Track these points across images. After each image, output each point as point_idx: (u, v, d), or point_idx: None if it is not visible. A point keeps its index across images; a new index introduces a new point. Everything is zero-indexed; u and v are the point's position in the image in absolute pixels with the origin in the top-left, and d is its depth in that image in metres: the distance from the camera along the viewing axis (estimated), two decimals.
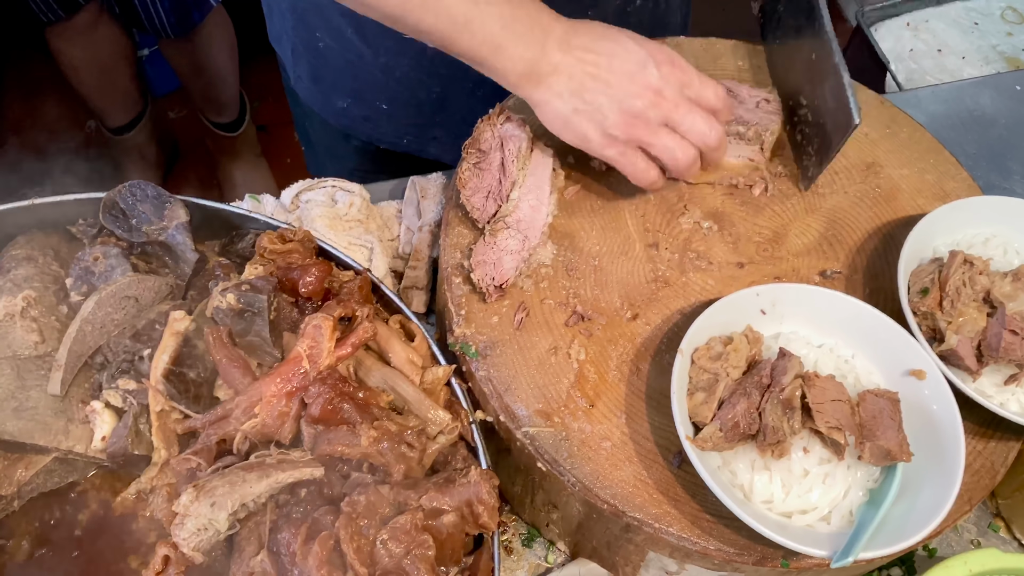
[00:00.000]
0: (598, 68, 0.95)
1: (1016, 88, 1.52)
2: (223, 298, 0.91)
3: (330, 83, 1.37)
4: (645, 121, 0.97)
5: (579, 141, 1.00)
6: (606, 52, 0.96)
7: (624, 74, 0.95)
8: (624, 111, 0.96)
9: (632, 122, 0.97)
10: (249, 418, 0.85)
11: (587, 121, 0.97)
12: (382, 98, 1.34)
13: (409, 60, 1.28)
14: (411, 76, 1.29)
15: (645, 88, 0.96)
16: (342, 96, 1.37)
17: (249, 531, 0.81)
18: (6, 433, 0.86)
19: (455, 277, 1.03)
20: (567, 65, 0.95)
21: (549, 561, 1.05)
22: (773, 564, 0.88)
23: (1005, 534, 1.10)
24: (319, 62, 1.36)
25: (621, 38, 0.98)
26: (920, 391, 0.93)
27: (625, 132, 0.97)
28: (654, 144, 0.99)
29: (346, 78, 1.34)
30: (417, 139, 1.39)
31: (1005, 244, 1.08)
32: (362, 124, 1.40)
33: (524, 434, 0.93)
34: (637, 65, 0.96)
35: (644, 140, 0.99)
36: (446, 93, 1.32)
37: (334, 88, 1.37)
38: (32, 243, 0.99)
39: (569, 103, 0.96)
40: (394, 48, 1.26)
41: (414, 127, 1.37)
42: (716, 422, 0.88)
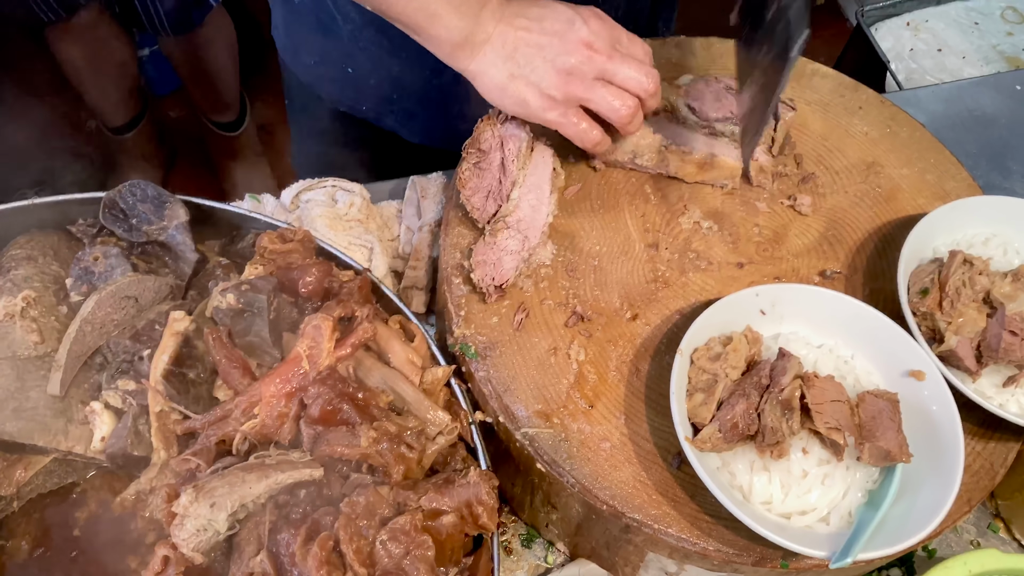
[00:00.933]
0: (529, 32, 0.96)
1: (1016, 88, 1.52)
2: (223, 298, 0.91)
3: (300, 39, 1.38)
4: (580, 76, 0.97)
5: (518, 107, 1.00)
6: (535, 16, 0.97)
7: (554, 33, 0.96)
8: (558, 69, 0.96)
9: (567, 79, 0.97)
10: (248, 419, 0.85)
11: (523, 85, 0.97)
12: (348, 62, 1.35)
13: (373, 32, 1.28)
14: (372, 48, 1.31)
15: (576, 44, 0.96)
16: (310, 52, 1.39)
17: (249, 532, 0.81)
18: (5, 434, 0.86)
19: (455, 277, 1.03)
20: (500, 33, 0.96)
21: (548, 562, 1.05)
22: (772, 565, 0.88)
23: (1005, 535, 1.10)
24: (292, 16, 1.37)
25: (550, 2, 0.99)
26: (920, 392, 0.93)
27: (562, 91, 0.97)
28: (592, 98, 0.99)
29: (315, 36, 1.35)
30: (375, 109, 1.40)
31: (1005, 244, 1.08)
32: (328, 84, 1.41)
33: (523, 435, 0.93)
34: (566, 23, 0.97)
35: (581, 96, 0.98)
36: (404, 72, 1.33)
37: (303, 44, 1.39)
38: (32, 243, 0.99)
39: (504, 69, 0.97)
40: (359, 19, 1.27)
41: (373, 97, 1.38)
42: (715, 423, 0.88)
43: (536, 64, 0.96)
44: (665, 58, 1.26)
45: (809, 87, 1.26)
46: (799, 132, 1.21)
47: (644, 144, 1.11)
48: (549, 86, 0.97)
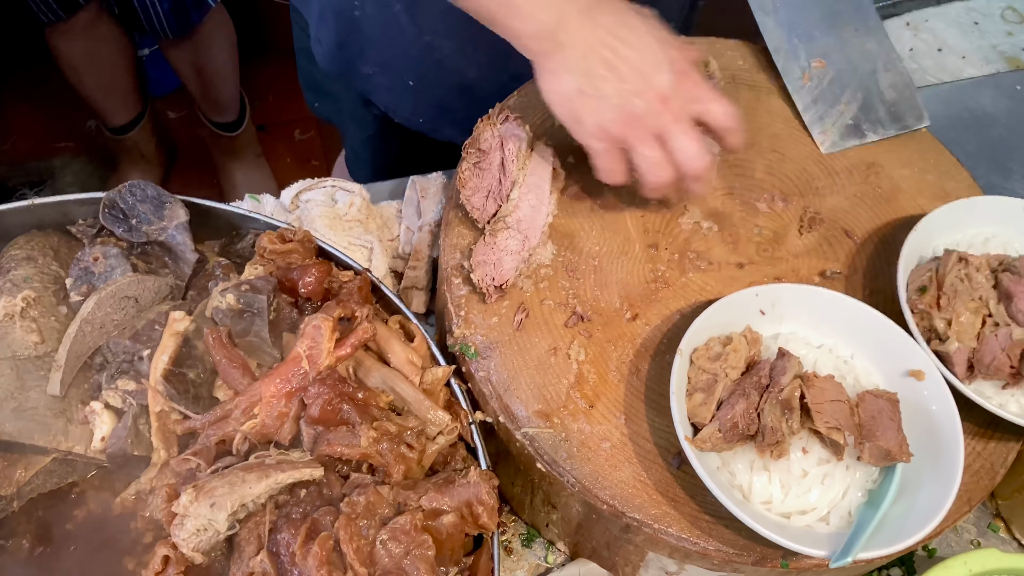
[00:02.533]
0: (616, 56, 0.92)
1: (1016, 88, 1.52)
2: (223, 298, 0.91)
3: (357, 50, 1.36)
4: (642, 126, 0.95)
5: (570, 121, 0.97)
6: (627, 42, 0.93)
7: (638, 72, 0.92)
8: (626, 110, 0.93)
9: (627, 123, 0.94)
10: (248, 419, 0.85)
11: (586, 106, 0.94)
12: (411, 74, 1.34)
13: (453, 43, 1.27)
14: (450, 59, 1.29)
15: (654, 93, 0.93)
16: (369, 64, 1.37)
17: (249, 531, 0.81)
18: (5, 434, 0.86)
19: (455, 277, 1.03)
20: (585, 41, 0.92)
21: (549, 561, 1.05)
22: (772, 564, 0.88)
23: (1005, 534, 1.10)
24: (349, 28, 1.35)
25: (644, 32, 0.94)
26: (919, 392, 0.93)
27: (617, 131, 0.95)
28: (637, 152, 0.97)
29: (378, 48, 1.33)
30: (434, 119, 1.39)
31: (1005, 244, 1.09)
32: (384, 94, 1.39)
33: (523, 435, 0.93)
34: (653, 67, 0.93)
35: (631, 144, 0.96)
36: (479, 81, 1.32)
37: (361, 55, 1.37)
38: (32, 243, 0.99)
39: (575, 81, 0.93)
40: (442, 30, 1.26)
41: (435, 108, 1.37)
42: (715, 423, 0.88)
43: (608, 93, 0.93)
44: None
45: None
46: (800, 132, 1.21)
47: None
48: (609, 120, 0.94)
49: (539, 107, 1.19)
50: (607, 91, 0.93)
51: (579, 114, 0.95)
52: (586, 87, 0.93)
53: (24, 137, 2.82)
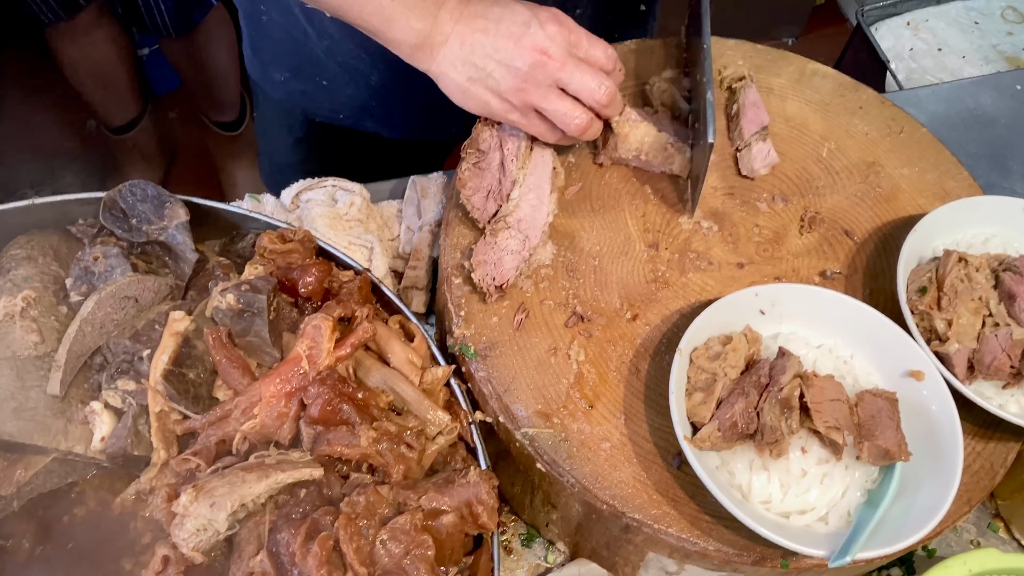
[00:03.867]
0: (486, 34, 0.95)
1: (1016, 88, 1.52)
2: (223, 298, 0.91)
3: (270, 56, 1.38)
4: (535, 83, 0.96)
5: (481, 108, 1.00)
6: (494, 17, 0.96)
7: (509, 36, 0.95)
8: (513, 73, 0.96)
9: (521, 85, 0.96)
10: (248, 418, 0.85)
11: (482, 87, 0.97)
12: (322, 75, 1.35)
13: (353, 46, 1.29)
14: (351, 62, 1.31)
15: (531, 48, 0.95)
16: (280, 69, 1.39)
17: (248, 531, 0.81)
18: (5, 434, 0.86)
19: (455, 277, 1.03)
20: (457, 33, 0.96)
21: (549, 561, 1.05)
22: (772, 564, 0.88)
23: (1004, 534, 1.10)
24: (259, 34, 1.37)
25: (510, 2, 0.97)
26: (919, 392, 0.93)
27: (518, 97, 0.97)
28: (546, 108, 0.98)
29: (287, 53, 1.35)
30: (353, 116, 1.41)
31: (1005, 244, 1.09)
32: (299, 97, 1.41)
33: (523, 435, 0.93)
34: (521, 26, 0.95)
35: (536, 104, 0.98)
36: (384, 80, 1.33)
37: (273, 61, 1.39)
38: (32, 243, 0.99)
39: (463, 72, 0.97)
40: (337, 34, 1.28)
41: (350, 105, 1.39)
42: (714, 422, 0.88)
43: (492, 67, 0.96)
44: (666, 57, 1.26)
45: (809, 87, 1.26)
46: (800, 132, 1.21)
47: (648, 142, 1.11)
48: (506, 90, 0.97)
49: None
50: (491, 66, 0.96)
51: (482, 99, 0.98)
52: (472, 73, 0.96)
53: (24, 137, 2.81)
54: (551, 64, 0.96)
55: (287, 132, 1.53)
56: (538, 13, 0.97)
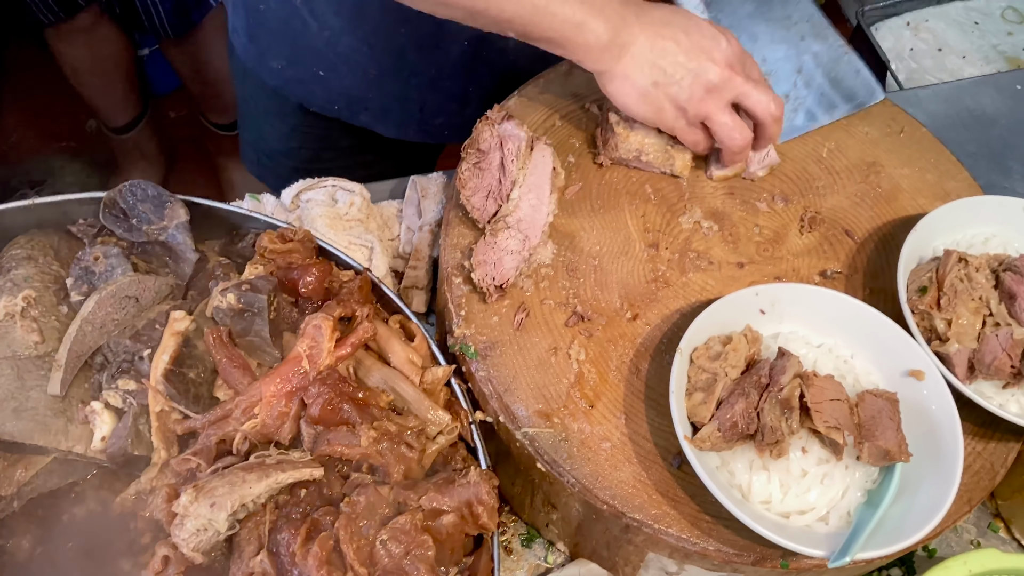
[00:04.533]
0: (677, 42, 0.99)
1: (1016, 88, 1.52)
2: (223, 298, 0.91)
3: (266, 44, 1.38)
4: (718, 96, 1.02)
5: (653, 114, 1.04)
6: (682, 27, 1.00)
7: (701, 48, 0.99)
8: (702, 84, 1.00)
9: (705, 96, 1.01)
10: (249, 418, 0.85)
11: (664, 94, 1.02)
12: (320, 65, 1.35)
13: (352, 39, 1.29)
14: (351, 54, 1.31)
15: (723, 63, 1.00)
16: (277, 57, 1.38)
17: (249, 531, 0.81)
18: (6, 433, 0.86)
19: (455, 277, 1.03)
20: (647, 37, 0.99)
21: (549, 561, 1.05)
22: (772, 564, 0.88)
23: (1005, 534, 1.10)
24: (256, 21, 1.36)
25: (690, 14, 1.03)
26: (919, 392, 0.93)
27: (696, 107, 1.02)
28: (716, 120, 1.03)
29: (284, 42, 1.35)
30: (348, 108, 1.41)
31: (1005, 244, 1.09)
32: (295, 86, 1.41)
33: (524, 435, 0.93)
34: (711, 40, 1.00)
35: (711, 115, 1.03)
36: (382, 75, 1.33)
37: (270, 49, 1.38)
38: (32, 243, 0.99)
39: (649, 75, 1.00)
40: (339, 26, 1.28)
41: (346, 97, 1.39)
42: (714, 422, 0.88)
43: (680, 75, 1.00)
44: None
45: None
46: None
47: (649, 142, 1.11)
48: (688, 99, 1.02)
49: (539, 106, 1.19)
50: (679, 74, 1.00)
51: (659, 104, 1.03)
52: (659, 78, 1.00)
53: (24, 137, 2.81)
54: (736, 79, 1.01)
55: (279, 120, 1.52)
56: (723, 30, 1.02)
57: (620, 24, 0.99)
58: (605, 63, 1.01)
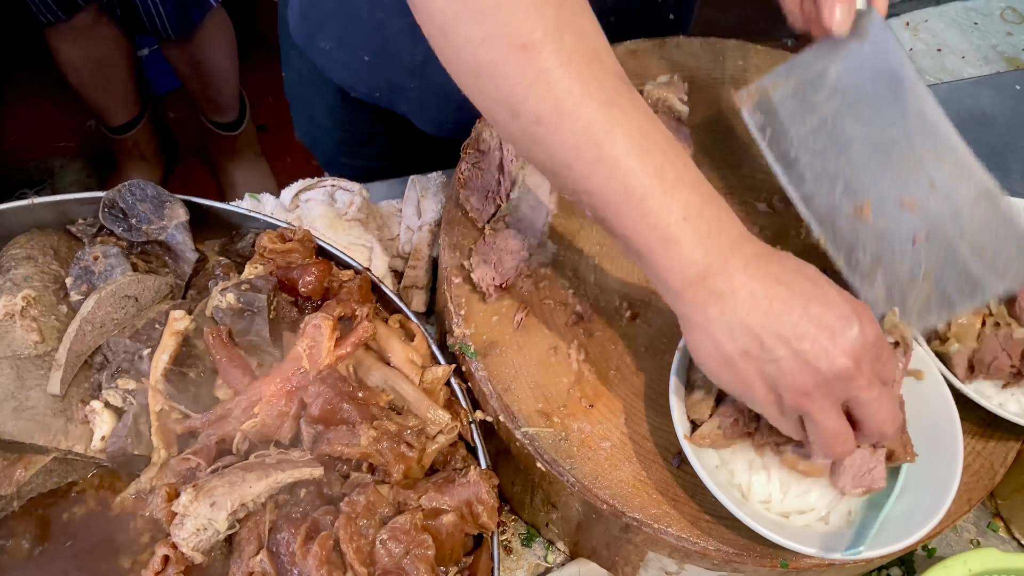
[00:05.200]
0: (790, 311, 0.73)
1: (1016, 88, 1.52)
2: (223, 298, 0.91)
3: (317, 23, 1.38)
4: (827, 393, 0.75)
5: (737, 388, 0.78)
6: (802, 292, 0.74)
7: (823, 327, 0.73)
8: (810, 374, 0.73)
9: (810, 392, 0.74)
10: (249, 418, 0.85)
11: (755, 369, 0.75)
12: (366, 50, 1.35)
13: (403, 22, 1.28)
14: (399, 39, 1.30)
15: (846, 354, 0.73)
16: (326, 38, 1.38)
17: (248, 531, 0.81)
18: (5, 433, 0.86)
19: (455, 277, 1.03)
20: (750, 292, 0.73)
21: (548, 561, 1.05)
22: (772, 564, 0.88)
23: (1004, 534, 1.10)
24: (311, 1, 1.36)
25: (820, 280, 0.76)
26: (919, 392, 0.93)
27: (795, 400, 0.75)
28: (816, 423, 0.77)
29: (334, 22, 1.35)
30: (389, 95, 1.41)
31: None
32: (340, 69, 1.40)
33: (524, 434, 0.93)
34: (840, 320, 0.73)
35: (810, 414, 0.76)
36: (427, 62, 1.33)
37: (320, 28, 1.38)
38: (32, 242, 0.99)
39: (741, 342, 0.74)
40: (391, 7, 1.27)
41: (389, 83, 1.39)
42: (714, 419, 0.88)
43: (783, 354, 0.73)
44: (666, 58, 1.26)
45: None
46: None
47: None
48: (786, 386, 0.75)
49: None
50: (781, 353, 0.73)
51: (748, 380, 0.77)
52: (752, 348, 0.74)
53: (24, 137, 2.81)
54: (859, 380, 0.74)
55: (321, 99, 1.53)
56: (859, 310, 0.75)
57: (721, 264, 0.73)
58: (686, 302, 0.76)
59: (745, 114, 0.96)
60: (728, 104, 1.22)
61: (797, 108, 0.93)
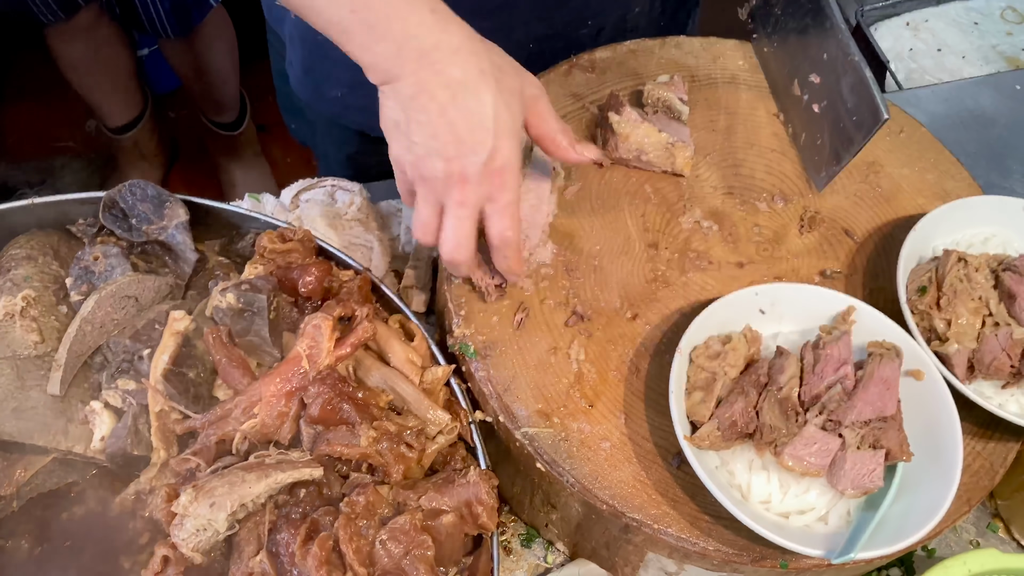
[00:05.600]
0: (441, 112, 0.85)
1: (1016, 88, 1.52)
2: (223, 298, 0.91)
3: (324, 74, 1.38)
4: (430, 189, 0.89)
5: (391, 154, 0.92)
6: (461, 104, 0.85)
7: (455, 139, 0.85)
8: (423, 163, 0.87)
9: (420, 178, 0.89)
10: (248, 418, 0.85)
11: (395, 136, 0.89)
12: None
13: None
14: None
15: (456, 168, 0.86)
16: (337, 86, 1.39)
17: (248, 531, 0.81)
18: (5, 433, 0.86)
19: (455, 277, 1.03)
20: (417, 80, 0.85)
21: (548, 561, 1.05)
22: (772, 564, 0.88)
23: (1004, 534, 1.10)
24: (315, 54, 1.36)
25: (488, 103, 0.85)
26: (918, 391, 0.93)
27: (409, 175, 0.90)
28: (418, 208, 0.91)
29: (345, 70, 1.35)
30: None
31: (1005, 244, 1.09)
32: (356, 113, 1.41)
33: (523, 434, 0.93)
34: (473, 144, 0.85)
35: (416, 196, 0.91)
36: None
37: (328, 79, 1.38)
38: (32, 242, 0.99)
39: (396, 112, 0.88)
40: None
41: None
42: (714, 420, 0.88)
43: (415, 140, 0.87)
44: (666, 58, 1.26)
45: None
46: None
47: (649, 142, 1.11)
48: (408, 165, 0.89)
49: None
50: (415, 138, 0.87)
51: (389, 140, 0.91)
52: (401, 123, 0.87)
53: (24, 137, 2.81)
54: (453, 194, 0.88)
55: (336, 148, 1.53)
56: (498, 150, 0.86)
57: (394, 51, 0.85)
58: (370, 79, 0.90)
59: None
60: (728, 104, 1.22)
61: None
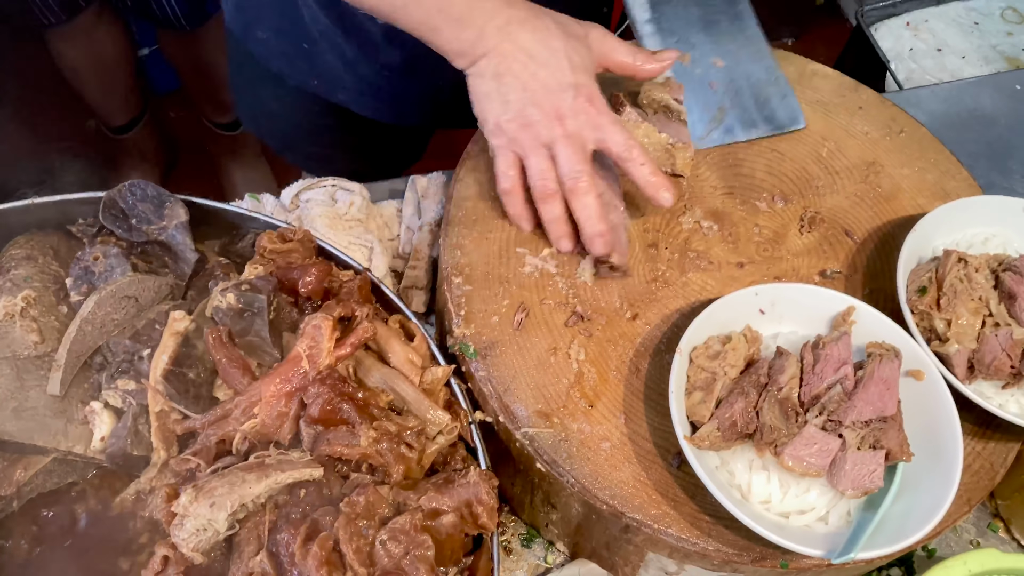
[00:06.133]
0: (524, 68, 0.99)
1: (1016, 88, 1.52)
2: (223, 298, 0.91)
3: (254, 14, 1.40)
4: (534, 133, 1.00)
5: (480, 120, 1.04)
6: (540, 58, 0.99)
7: (542, 87, 0.99)
8: (523, 114, 1.00)
9: (522, 127, 1.00)
10: (248, 418, 0.85)
11: (490, 105, 1.02)
12: (304, 39, 1.37)
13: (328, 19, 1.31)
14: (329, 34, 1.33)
15: (551, 107, 0.99)
16: (264, 28, 1.40)
17: (248, 532, 0.81)
18: (5, 433, 0.86)
19: (455, 277, 1.03)
20: (499, 52, 0.99)
21: (548, 561, 1.05)
22: (772, 564, 0.88)
23: (1004, 535, 1.10)
24: None
25: (561, 52, 1.00)
26: (918, 392, 0.93)
27: (513, 130, 1.01)
28: (528, 157, 1.02)
29: (271, 14, 1.37)
30: (326, 84, 1.42)
31: (1005, 244, 1.09)
32: (278, 58, 1.43)
33: (523, 434, 0.93)
34: (558, 85, 0.99)
35: (523, 149, 1.01)
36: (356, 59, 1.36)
37: (257, 19, 1.40)
38: (32, 243, 0.99)
39: (488, 84, 1.01)
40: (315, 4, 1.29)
41: (326, 74, 1.40)
42: (714, 421, 0.88)
43: (511, 98, 1.00)
44: None
45: (809, 87, 1.26)
46: (800, 132, 1.21)
47: (649, 142, 1.11)
48: (507, 120, 1.01)
49: None
50: (510, 96, 1.00)
51: (484, 114, 1.02)
52: (493, 91, 1.01)
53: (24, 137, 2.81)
54: (557, 130, 0.99)
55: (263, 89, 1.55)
56: (581, 83, 1.00)
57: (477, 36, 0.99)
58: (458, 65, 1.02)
59: None
60: None
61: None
